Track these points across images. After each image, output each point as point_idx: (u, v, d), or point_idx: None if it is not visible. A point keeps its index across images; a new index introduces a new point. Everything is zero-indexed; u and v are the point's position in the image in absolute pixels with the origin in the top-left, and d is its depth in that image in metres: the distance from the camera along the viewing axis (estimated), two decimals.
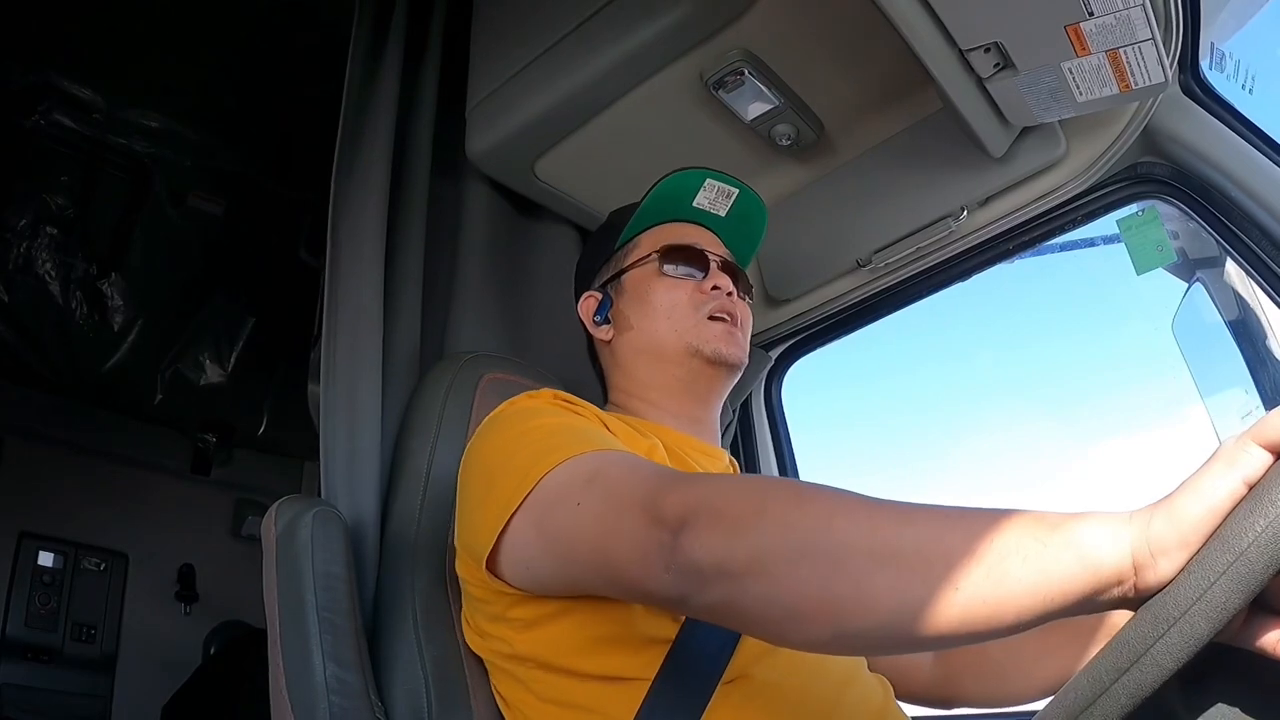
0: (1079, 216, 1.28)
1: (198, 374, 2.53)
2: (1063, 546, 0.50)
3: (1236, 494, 0.47)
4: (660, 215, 1.11)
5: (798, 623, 0.60)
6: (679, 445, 1.00)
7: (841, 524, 0.59)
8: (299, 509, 0.96)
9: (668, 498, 0.67)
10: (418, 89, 1.37)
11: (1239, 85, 1.20)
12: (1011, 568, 0.51)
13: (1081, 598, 0.50)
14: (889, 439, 6.80)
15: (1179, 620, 0.46)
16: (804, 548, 0.59)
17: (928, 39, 0.96)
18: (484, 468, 0.86)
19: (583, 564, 0.74)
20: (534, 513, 0.76)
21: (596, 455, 0.77)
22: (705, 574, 0.63)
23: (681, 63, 1.18)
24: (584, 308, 1.13)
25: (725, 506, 0.64)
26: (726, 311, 1.04)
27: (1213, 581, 0.45)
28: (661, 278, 1.06)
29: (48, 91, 1.99)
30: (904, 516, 0.58)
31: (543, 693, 0.84)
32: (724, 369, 1.03)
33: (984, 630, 0.53)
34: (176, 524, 2.67)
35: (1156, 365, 1.81)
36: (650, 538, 0.67)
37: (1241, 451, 0.48)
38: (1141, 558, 0.49)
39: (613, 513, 0.71)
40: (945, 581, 0.52)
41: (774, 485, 0.66)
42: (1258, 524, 0.44)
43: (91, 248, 2.25)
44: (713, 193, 1.11)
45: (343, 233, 1.19)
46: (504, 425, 0.88)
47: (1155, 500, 0.50)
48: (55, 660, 2.31)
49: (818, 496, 0.62)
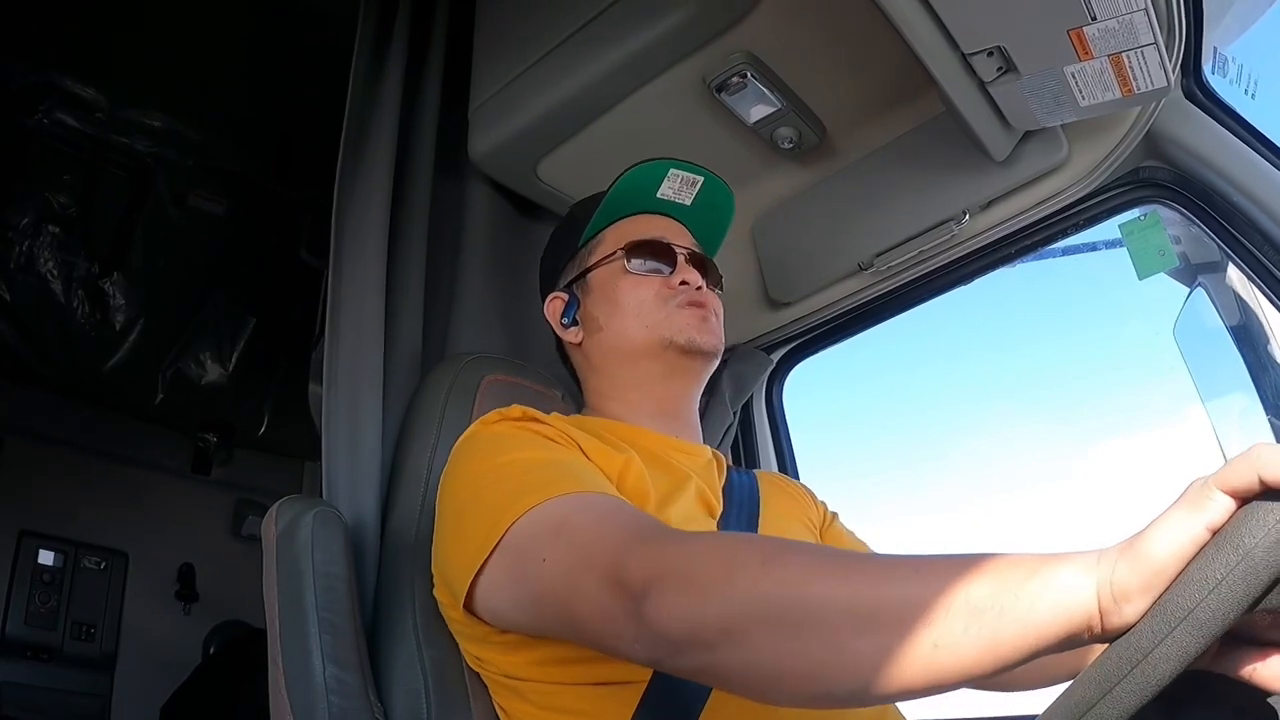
0: (1081, 221, 1.28)
1: (199, 373, 2.54)
2: (1036, 596, 0.51)
3: (1199, 539, 0.47)
4: (624, 209, 1.09)
5: (779, 687, 0.60)
6: (659, 448, 0.99)
7: (815, 588, 0.58)
8: (299, 509, 0.96)
9: (632, 561, 0.66)
10: (420, 90, 1.37)
11: (1241, 90, 1.20)
12: (988, 620, 0.51)
13: (1056, 642, 0.51)
14: (889, 440, 6.81)
15: (1140, 663, 0.47)
16: (779, 614, 0.58)
17: (930, 42, 0.96)
18: (456, 503, 0.85)
19: (551, 621, 0.74)
20: (504, 561, 0.76)
21: (565, 500, 0.75)
22: (676, 642, 0.62)
23: (684, 65, 1.18)
24: (550, 310, 1.12)
25: (691, 572, 0.63)
26: (696, 302, 1.03)
27: (1172, 629, 0.46)
28: (627, 275, 1.04)
29: (50, 91, 1.99)
30: (878, 574, 0.57)
31: (538, 701, 0.84)
32: (700, 357, 1.02)
33: (965, 680, 0.54)
34: (177, 523, 2.67)
35: (1157, 369, 1.80)
36: (614, 604, 0.66)
37: (1206, 497, 0.48)
38: (1106, 603, 0.49)
39: (577, 572, 0.69)
40: (924, 639, 0.53)
41: (742, 547, 0.65)
42: (1218, 572, 0.45)
43: (93, 247, 2.26)
44: (677, 182, 1.09)
45: (345, 233, 1.19)
46: (474, 456, 0.87)
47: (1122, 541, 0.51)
48: (55, 659, 2.31)
49: (787, 558, 0.61)
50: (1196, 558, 0.47)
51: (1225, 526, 0.47)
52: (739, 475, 1.07)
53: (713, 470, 1.04)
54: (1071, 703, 0.49)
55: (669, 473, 0.96)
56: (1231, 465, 0.47)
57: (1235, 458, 0.48)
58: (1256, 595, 0.44)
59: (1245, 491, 0.47)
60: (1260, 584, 0.44)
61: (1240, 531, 0.45)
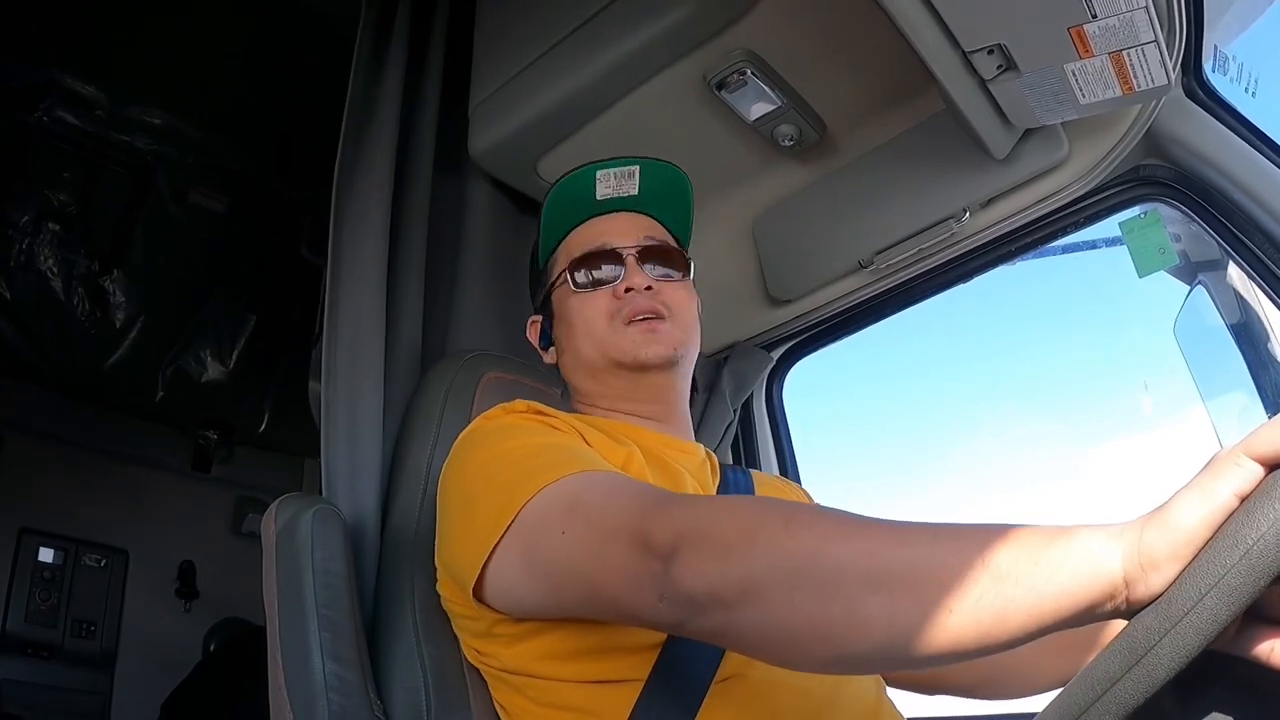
0: (1081, 219, 1.28)
1: (199, 371, 2.54)
2: (1056, 564, 0.50)
3: (1228, 506, 0.47)
4: (568, 222, 1.06)
5: (795, 647, 0.60)
6: (656, 446, 0.99)
7: (835, 548, 0.58)
8: (299, 507, 0.96)
9: (655, 524, 0.66)
10: (420, 87, 1.37)
11: (1242, 88, 1.20)
12: (1005, 588, 0.51)
13: (1076, 613, 0.50)
14: (889, 439, 6.80)
15: (1169, 632, 0.46)
16: (798, 573, 0.58)
17: (930, 40, 0.95)
18: (462, 493, 0.85)
19: (571, 593, 0.74)
20: (518, 542, 0.75)
21: (576, 478, 0.76)
22: (699, 601, 0.62)
23: (684, 63, 1.18)
24: (531, 334, 1.12)
25: (716, 532, 0.63)
26: (641, 312, 0.98)
27: (1202, 595, 0.45)
28: (573, 295, 1.02)
29: (50, 88, 2.00)
30: (897, 538, 0.57)
31: (537, 697, 0.84)
32: (653, 371, 0.99)
33: (980, 649, 0.53)
34: (177, 521, 2.68)
35: (1157, 367, 1.80)
36: (641, 567, 0.66)
37: (1233, 464, 0.48)
38: (1133, 572, 0.49)
39: (599, 541, 0.70)
40: (940, 604, 0.52)
41: (764, 508, 0.65)
42: (1249, 537, 0.44)
43: (93, 245, 2.26)
44: (611, 180, 1.05)
45: (345, 231, 1.19)
46: (480, 445, 0.87)
47: (1147, 512, 0.50)
48: (55, 656, 2.31)
49: (809, 519, 0.61)
50: (1226, 524, 0.47)
51: (1254, 493, 0.46)
52: (734, 474, 1.07)
53: (706, 470, 1.04)
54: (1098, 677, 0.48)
55: (664, 470, 0.96)
56: (1259, 432, 0.47)
57: (1263, 425, 0.47)
58: None
59: (1274, 458, 0.46)
60: None
61: (1270, 498, 0.45)
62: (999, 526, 0.54)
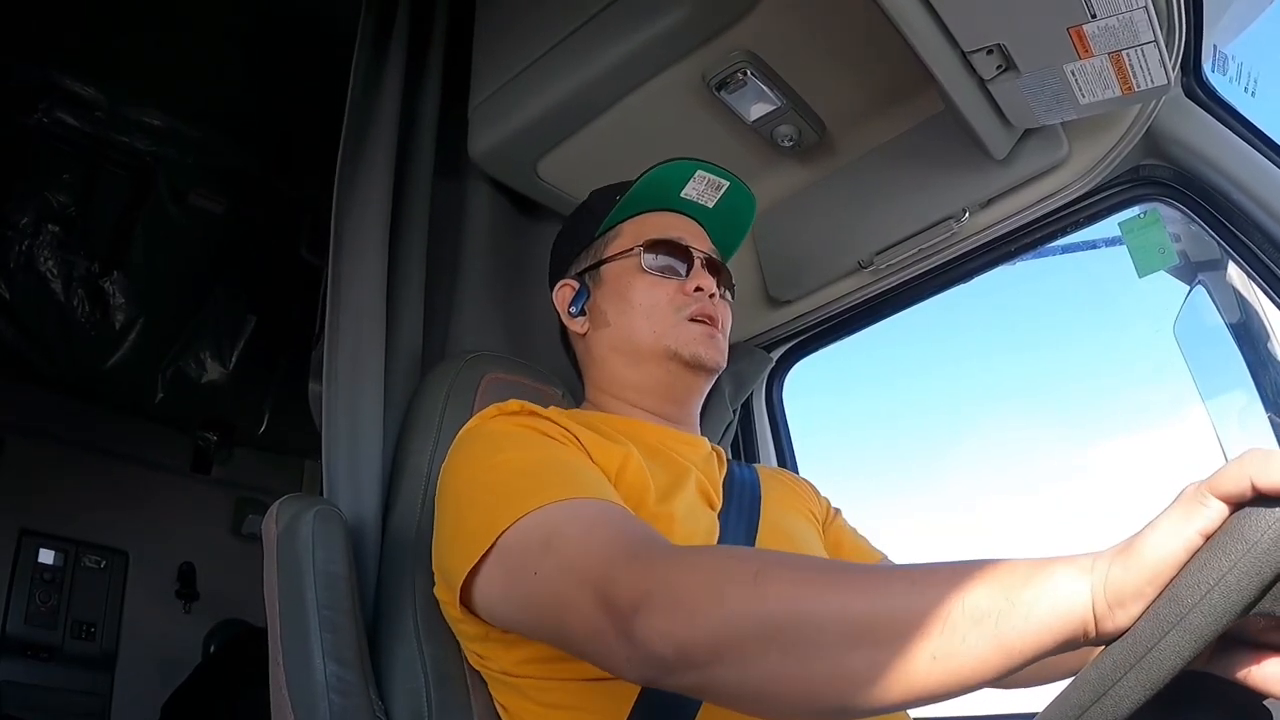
0: (1081, 219, 1.28)
1: (199, 372, 2.54)
2: (1032, 604, 0.51)
3: (1193, 545, 0.47)
4: (646, 204, 1.08)
5: (775, 703, 0.59)
6: (659, 440, 0.99)
7: (810, 605, 0.57)
8: (300, 508, 0.96)
9: (619, 580, 0.65)
10: (420, 88, 1.37)
11: (1241, 88, 1.20)
12: (985, 630, 0.51)
13: (1053, 646, 0.51)
14: (889, 438, 6.80)
15: (1134, 666, 0.47)
16: (772, 631, 0.58)
17: (930, 40, 0.96)
18: (454, 500, 0.86)
19: (544, 632, 0.75)
20: (497, 568, 0.76)
21: (558, 508, 0.75)
22: (668, 662, 0.62)
23: (684, 63, 1.18)
24: (559, 297, 1.11)
25: (681, 591, 0.62)
26: (707, 315, 1.02)
27: (1165, 632, 0.46)
28: (642, 274, 1.03)
29: (49, 89, 2.00)
30: (872, 588, 0.57)
31: (538, 697, 0.84)
32: (702, 373, 1.02)
33: (963, 689, 0.54)
34: (177, 522, 2.68)
35: (1157, 368, 1.80)
36: (604, 623, 0.65)
37: (1199, 503, 0.48)
38: (1100, 608, 0.49)
39: (567, 589, 0.69)
40: (922, 651, 0.53)
41: (731, 563, 0.63)
42: (1210, 577, 0.45)
43: (93, 246, 2.26)
44: (702, 184, 1.09)
45: (345, 232, 1.19)
46: (471, 453, 0.87)
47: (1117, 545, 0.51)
48: (55, 658, 2.31)
49: (780, 573, 0.60)
50: (1190, 563, 0.47)
51: (1218, 532, 0.47)
52: (740, 469, 1.07)
53: (713, 463, 1.04)
54: (1068, 706, 0.49)
55: (669, 465, 0.96)
56: (1224, 471, 0.47)
57: (1228, 464, 0.48)
58: (1250, 600, 0.44)
59: (1238, 497, 0.47)
60: (1254, 589, 0.44)
61: (1233, 537, 0.45)
62: (973, 565, 0.54)
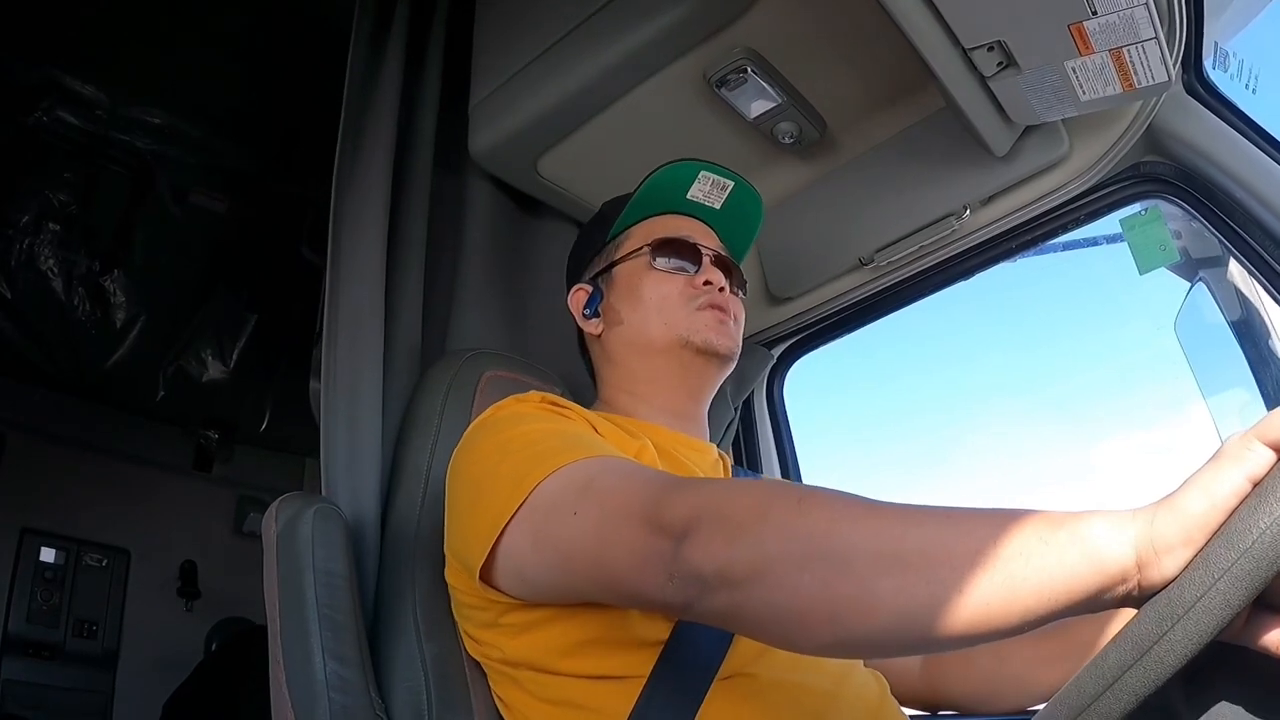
0: (1082, 216, 1.27)
1: (200, 371, 2.54)
2: (1067, 546, 0.50)
3: (1241, 491, 0.47)
4: (653, 207, 1.10)
5: (801, 628, 0.59)
6: (670, 444, 1.00)
7: (845, 528, 0.58)
8: (300, 506, 0.96)
9: (668, 505, 0.66)
10: (420, 86, 1.37)
11: (1242, 84, 1.20)
12: (1016, 569, 0.51)
13: (1087, 596, 0.50)
14: (890, 438, 6.80)
15: (1183, 618, 0.45)
16: (807, 553, 0.58)
17: (931, 37, 0.95)
18: (472, 476, 0.85)
19: (581, 574, 0.74)
20: (528, 523, 0.75)
21: (589, 462, 0.76)
22: (708, 581, 0.62)
23: (684, 60, 1.18)
24: (574, 300, 1.13)
25: (728, 512, 0.63)
26: (718, 305, 1.03)
27: (1216, 579, 0.45)
28: (652, 271, 1.05)
29: (50, 88, 2.00)
30: (908, 519, 0.57)
31: (538, 693, 0.84)
32: (715, 360, 1.03)
33: (989, 631, 0.53)
34: (178, 520, 2.68)
35: (1158, 365, 1.80)
36: (651, 547, 0.66)
37: (1246, 449, 0.48)
38: (1146, 555, 0.48)
39: (611, 522, 0.70)
40: (949, 584, 0.52)
41: (776, 489, 0.65)
42: (1261, 521, 0.44)
43: (94, 244, 2.26)
44: (707, 185, 1.10)
45: (344, 230, 1.18)
46: (491, 431, 0.87)
47: (1160, 498, 0.50)
48: (57, 656, 2.32)
49: (820, 500, 0.61)
50: (1238, 509, 0.47)
51: (1266, 478, 0.46)
52: (745, 475, 1.08)
53: (719, 470, 1.05)
54: (1108, 665, 0.48)
55: (678, 468, 0.96)
56: (1270, 418, 0.47)
57: (1273, 411, 0.48)
58: None
59: None
60: None
61: None
62: (1010, 510, 0.54)
